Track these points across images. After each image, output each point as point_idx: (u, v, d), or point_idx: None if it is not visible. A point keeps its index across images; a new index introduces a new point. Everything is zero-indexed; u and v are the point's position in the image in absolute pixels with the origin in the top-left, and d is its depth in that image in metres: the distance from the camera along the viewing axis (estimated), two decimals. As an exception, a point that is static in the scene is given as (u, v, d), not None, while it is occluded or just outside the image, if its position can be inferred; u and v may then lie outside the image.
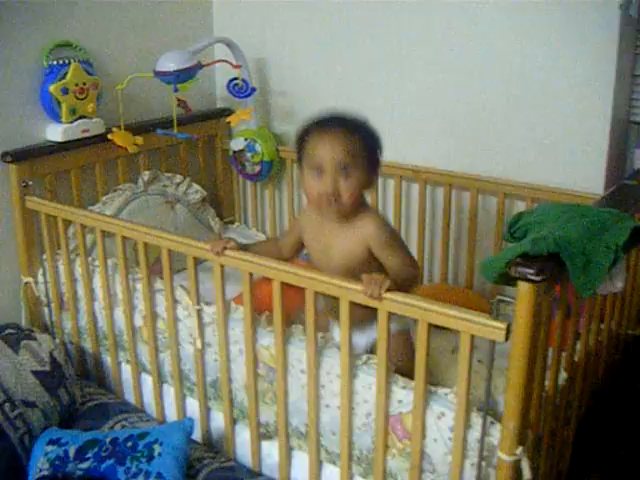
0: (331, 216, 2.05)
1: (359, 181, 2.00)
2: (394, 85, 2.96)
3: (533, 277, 1.51)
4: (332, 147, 1.97)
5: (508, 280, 1.58)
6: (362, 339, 2.13)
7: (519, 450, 1.68)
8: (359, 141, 1.99)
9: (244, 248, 2.18)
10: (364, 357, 2.00)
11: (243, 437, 2.38)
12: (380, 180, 3.01)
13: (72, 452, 2.19)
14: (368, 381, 1.97)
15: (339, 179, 1.98)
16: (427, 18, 2.80)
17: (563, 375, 1.99)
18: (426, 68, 2.86)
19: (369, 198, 2.85)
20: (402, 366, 2.00)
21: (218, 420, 2.45)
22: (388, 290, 1.80)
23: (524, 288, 1.54)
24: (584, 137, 2.59)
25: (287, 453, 2.26)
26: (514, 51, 2.64)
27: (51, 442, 2.23)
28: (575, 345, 2.06)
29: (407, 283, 1.96)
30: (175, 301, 2.36)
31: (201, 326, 2.31)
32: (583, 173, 2.60)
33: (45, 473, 2.16)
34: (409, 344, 2.15)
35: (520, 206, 2.69)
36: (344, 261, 2.06)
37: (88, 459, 2.17)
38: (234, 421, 2.38)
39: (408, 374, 1.96)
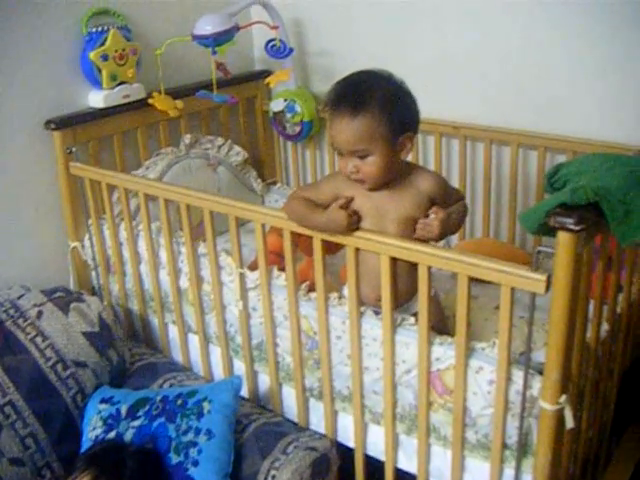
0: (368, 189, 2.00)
1: (380, 159, 1.91)
2: (433, 41, 2.93)
3: (572, 226, 1.51)
4: (343, 131, 1.90)
5: (548, 230, 1.58)
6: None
7: (562, 398, 1.69)
8: (373, 119, 1.87)
9: None
10: (399, 319, 2.02)
11: (289, 394, 2.42)
12: (420, 137, 3.01)
13: (124, 410, 2.25)
14: (405, 341, 2.00)
15: (357, 162, 1.92)
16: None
17: (605, 327, 1.99)
18: (464, 23, 2.83)
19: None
20: (434, 326, 2.01)
21: (264, 379, 2.49)
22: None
23: (564, 238, 1.54)
24: (624, 88, 2.55)
25: (332, 415, 2.30)
26: (549, 2, 2.61)
27: (103, 401, 2.29)
28: (617, 297, 2.06)
29: (463, 216, 2.09)
30: (219, 266, 2.39)
31: (244, 289, 2.34)
32: (624, 125, 2.56)
33: (99, 431, 2.22)
34: (439, 307, 2.18)
35: (561, 159, 2.66)
36: (404, 220, 1.99)
37: (140, 417, 2.22)
38: (280, 383, 2.43)
39: (439, 330, 2.01)
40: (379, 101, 1.88)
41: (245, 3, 3.04)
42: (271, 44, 3.08)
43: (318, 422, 2.37)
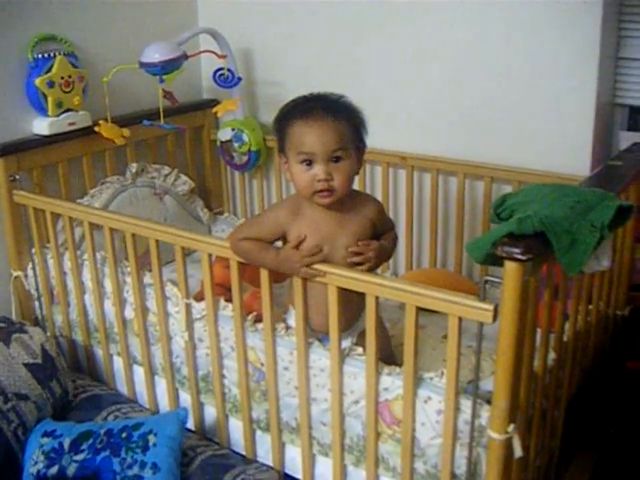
0: (327, 206, 1.97)
1: (352, 166, 1.95)
2: (380, 71, 2.96)
3: (519, 256, 1.51)
4: (320, 136, 1.89)
5: (495, 260, 1.59)
6: (347, 340, 2.09)
7: (511, 428, 1.69)
8: (346, 124, 1.92)
9: None
10: (347, 349, 2.01)
11: (236, 426, 2.39)
12: (367, 167, 3.04)
13: (67, 444, 2.20)
14: (352, 372, 1.99)
15: (331, 168, 1.91)
16: (415, 7, 2.80)
17: (552, 355, 2.00)
18: (411, 55, 2.87)
19: (356, 185, 2.87)
20: (381, 356, 2.00)
21: (210, 411, 2.46)
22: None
23: (511, 267, 1.55)
24: (570, 120, 2.60)
25: (280, 447, 2.28)
26: (497, 36, 2.65)
27: (46, 434, 2.24)
28: (564, 326, 2.07)
29: (394, 246, 2.13)
30: (165, 296, 2.36)
31: (190, 320, 2.32)
32: (569, 156, 2.61)
33: (41, 466, 2.17)
34: (387, 336, 2.19)
35: (507, 189, 2.69)
36: (353, 246, 2.00)
37: (83, 451, 2.18)
38: (226, 415, 2.40)
39: (386, 360, 2.00)
40: (348, 110, 1.98)
41: (193, 32, 3.04)
42: (219, 73, 3.07)
43: (265, 454, 2.34)
